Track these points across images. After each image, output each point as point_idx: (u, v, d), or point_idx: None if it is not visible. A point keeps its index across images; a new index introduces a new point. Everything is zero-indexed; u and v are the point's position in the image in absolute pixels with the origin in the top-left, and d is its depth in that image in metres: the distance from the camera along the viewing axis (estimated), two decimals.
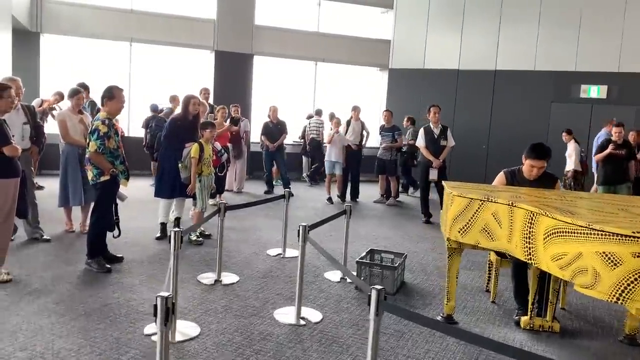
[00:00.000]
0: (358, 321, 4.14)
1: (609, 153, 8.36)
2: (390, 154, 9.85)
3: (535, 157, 4.33)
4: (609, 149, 8.36)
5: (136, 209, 7.71)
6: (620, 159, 8.42)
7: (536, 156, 4.33)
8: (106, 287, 4.55)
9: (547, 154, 4.37)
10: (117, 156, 4.97)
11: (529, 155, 4.37)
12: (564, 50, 12.30)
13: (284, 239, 6.06)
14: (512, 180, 4.55)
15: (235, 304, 4.35)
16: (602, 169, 8.55)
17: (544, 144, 4.48)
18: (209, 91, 9.81)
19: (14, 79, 5.63)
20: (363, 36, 14.08)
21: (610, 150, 8.33)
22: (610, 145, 8.39)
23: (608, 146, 8.44)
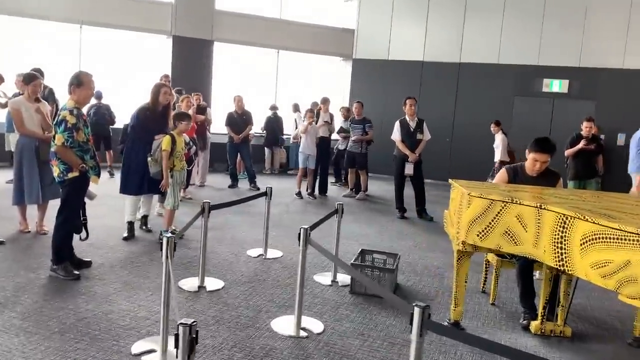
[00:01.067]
0: (363, 330, 3.85)
1: (580, 148, 8.41)
2: (360, 147, 9.58)
3: (539, 151, 4.17)
4: (581, 144, 8.41)
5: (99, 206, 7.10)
6: (590, 154, 8.49)
7: (540, 149, 4.18)
8: (77, 297, 4.06)
9: (552, 148, 4.23)
10: (87, 150, 4.46)
11: (533, 148, 4.22)
12: (527, 44, 12.40)
13: (265, 238, 5.69)
14: (515, 177, 4.37)
15: (226, 314, 3.97)
16: (573, 165, 8.61)
17: (549, 138, 4.33)
18: (170, 78, 9.23)
19: None
20: (326, 25, 13.73)
21: (581, 146, 8.38)
22: (582, 141, 8.44)
23: (579, 141, 8.50)
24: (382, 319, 4.10)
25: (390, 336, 3.78)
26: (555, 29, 12.18)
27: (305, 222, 7.23)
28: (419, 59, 13.24)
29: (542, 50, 12.30)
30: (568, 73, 12.18)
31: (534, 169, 4.21)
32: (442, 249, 6.43)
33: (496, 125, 11.01)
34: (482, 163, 11.52)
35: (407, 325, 3.94)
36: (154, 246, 5.65)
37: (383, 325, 3.98)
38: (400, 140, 8.03)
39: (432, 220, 8.11)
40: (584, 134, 8.59)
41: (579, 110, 12.12)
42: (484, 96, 12.74)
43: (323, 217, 4.67)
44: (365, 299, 4.50)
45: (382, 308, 4.31)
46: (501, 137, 10.77)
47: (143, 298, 4.14)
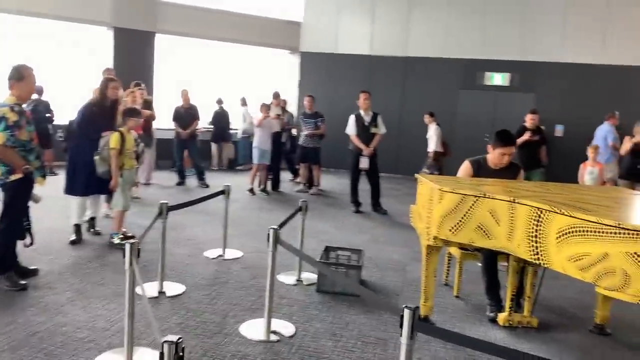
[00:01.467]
0: (335, 330, 3.76)
1: (525, 140, 8.64)
2: (313, 142, 9.49)
3: (506, 144, 4.24)
4: (526, 136, 8.64)
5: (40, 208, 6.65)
6: (534, 145, 8.75)
7: (507, 143, 4.25)
8: (26, 309, 3.75)
9: (514, 139, 4.30)
10: (31, 150, 4.12)
11: (499, 143, 4.26)
12: (471, 38, 12.66)
13: (224, 239, 5.49)
14: (479, 170, 4.40)
15: (191, 320, 3.78)
16: (518, 156, 8.81)
17: (507, 130, 4.42)
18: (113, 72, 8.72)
19: None
20: (272, 17, 13.50)
21: (527, 138, 8.61)
22: (527, 133, 8.67)
23: (524, 133, 8.73)
24: (351, 317, 4.03)
25: (363, 335, 3.71)
26: (497, 23, 12.50)
27: (263, 220, 7.13)
28: (367, 52, 13.26)
29: (485, 45, 12.59)
30: (509, 67, 12.54)
31: (502, 161, 4.26)
32: (401, 243, 6.45)
33: (430, 117, 11.13)
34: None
35: (377, 323, 3.91)
36: (105, 250, 5.35)
37: (354, 323, 3.91)
38: (355, 135, 7.98)
39: (386, 213, 8.13)
40: (528, 126, 8.84)
41: (520, 103, 12.52)
42: (430, 90, 12.92)
43: (289, 216, 4.52)
44: (333, 297, 4.42)
45: (350, 306, 4.24)
46: (434, 127, 10.89)
47: (99, 307, 3.88)
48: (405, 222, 7.70)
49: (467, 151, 12.76)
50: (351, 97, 12.80)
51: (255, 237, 6.20)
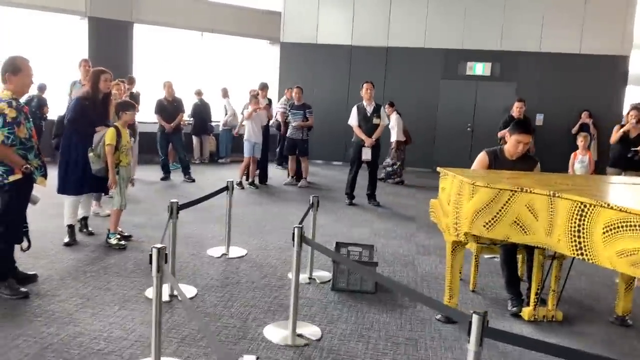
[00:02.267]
0: (361, 331, 3.64)
1: None
2: (302, 133, 9.31)
3: (522, 132, 4.19)
4: None
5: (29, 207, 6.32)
6: None
7: (523, 130, 4.21)
8: (33, 320, 3.51)
9: (532, 129, 4.25)
10: (31, 148, 3.85)
11: (515, 130, 4.21)
12: (452, 28, 12.64)
13: (227, 237, 5.29)
14: (495, 161, 4.33)
15: (211, 325, 3.60)
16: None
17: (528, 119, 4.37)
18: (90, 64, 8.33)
19: None
20: (252, 7, 13.20)
21: None
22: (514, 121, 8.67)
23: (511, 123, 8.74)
24: (374, 316, 3.92)
25: (390, 335, 3.60)
26: (478, 13, 12.52)
27: (258, 215, 6.95)
28: (348, 43, 13.11)
29: (466, 35, 12.60)
30: (490, 56, 12.58)
31: (517, 150, 4.20)
32: (403, 236, 6.37)
33: (390, 107, 11.00)
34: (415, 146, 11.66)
35: (401, 322, 3.81)
36: (102, 251, 5.09)
37: (378, 323, 3.80)
38: (357, 126, 7.85)
39: (379, 205, 8.04)
40: (515, 115, 8.87)
41: (501, 92, 12.62)
42: (411, 80, 12.88)
43: (305, 213, 4.37)
44: (349, 295, 4.30)
45: (369, 304, 4.13)
46: (395, 117, 10.72)
47: (111, 314, 3.67)
48: (402, 214, 7.67)
49: (450, 141, 12.92)
50: (332, 88, 12.74)
51: (254, 234, 6.03)
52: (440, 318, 3.89)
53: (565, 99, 12.36)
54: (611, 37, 12.10)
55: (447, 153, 12.76)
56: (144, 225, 6.16)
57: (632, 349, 3.66)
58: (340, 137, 12.80)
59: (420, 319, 3.91)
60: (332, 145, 12.83)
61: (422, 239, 6.25)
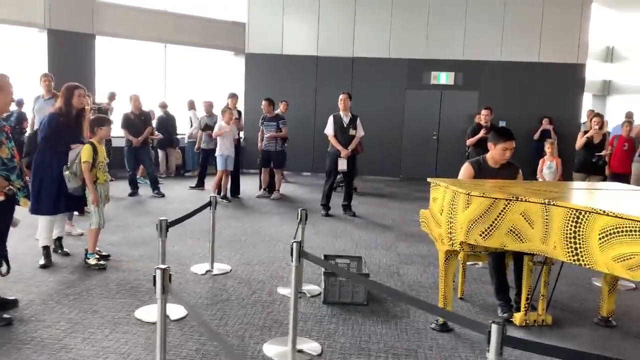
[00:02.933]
0: (360, 344, 3.63)
1: (481, 137, 8.87)
2: (275, 145, 9.29)
3: (507, 139, 4.31)
4: (481, 133, 8.88)
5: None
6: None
7: (507, 137, 4.32)
8: (21, 347, 3.35)
9: (512, 134, 4.37)
10: (13, 168, 3.69)
11: (500, 138, 4.32)
12: (415, 38, 12.88)
13: (211, 253, 5.20)
14: (480, 170, 4.42)
15: (209, 345, 3.52)
16: (474, 152, 9.04)
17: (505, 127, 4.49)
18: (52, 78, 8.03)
19: None
20: (215, 17, 13.10)
21: (482, 134, 8.85)
22: (482, 130, 8.91)
23: (479, 131, 8.98)
24: (370, 328, 3.92)
25: (389, 347, 3.62)
26: (440, 23, 12.80)
27: (235, 229, 6.87)
28: (313, 53, 13.17)
29: (429, 45, 12.86)
30: (453, 66, 12.88)
31: (504, 157, 4.31)
32: (384, 246, 6.41)
33: None
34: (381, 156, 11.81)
35: (397, 333, 3.83)
36: (82, 272, 4.92)
37: (375, 335, 3.80)
38: (332, 135, 7.87)
39: (355, 215, 8.08)
40: (482, 123, 9.11)
41: (464, 101, 12.93)
42: (377, 89, 13.02)
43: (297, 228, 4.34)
44: (342, 308, 4.29)
45: (363, 316, 4.13)
46: None
47: (103, 338, 3.54)
48: (379, 223, 7.73)
49: (416, 149, 13.09)
50: (299, 98, 12.74)
51: (235, 249, 5.96)
52: (435, 327, 3.93)
53: (526, 106, 12.75)
54: (568, 46, 12.58)
55: (414, 161, 12.96)
56: (120, 243, 6.00)
57: (619, 349, 3.78)
58: (309, 148, 12.84)
59: (416, 329, 3.94)
60: (300, 156, 12.81)
61: (402, 248, 6.31)
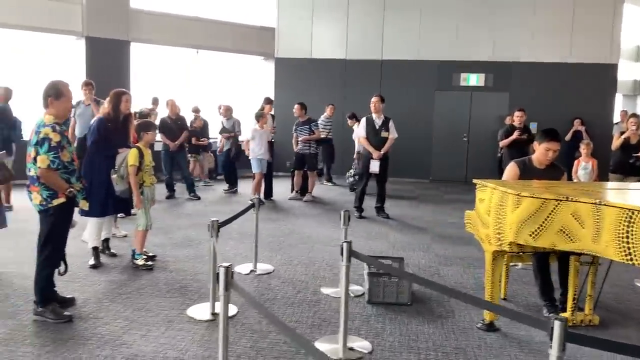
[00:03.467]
0: (409, 343, 3.70)
1: (514, 138, 8.84)
2: (309, 147, 9.40)
3: (552, 139, 4.31)
4: (515, 135, 8.84)
5: None
6: (523, 143, 8.95)
7: (552, 138, 4.33)
8: (84, 343, 3.49)
9: (559, 136, 4.37)
10: (73, 171, 3.85)
11: (544, 138, 4.34)
12: (445, 40, 12.87)
13: (255, 253, 5.31)
14: (525, 170, 4.44)
15: (262, 342, 3.63)
16: (508, 154, 9.01)
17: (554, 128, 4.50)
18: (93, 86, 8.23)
19: None
20: (245, 23, 13.29)
21: (515, 136, 8.81)
22: (516, 131, 8.87)
23: (513, 132, 8.94)
24: (417, 327, 3.98)
25: (438, 345, 3.67)
26: (469, 24, 12.78)
27: (271, 230, 6.97)
28: (342, 57, 13.27)
29: (459, 46, 12.83)
30: (483, 67, 12.83)
31: (547, 158, 4.32)
32: (420, 247, 6.45)
33: (350, 119, 11.11)
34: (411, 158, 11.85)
35: (444, 332, 3.88)
36: (131, 272, 5.08)
37: (423, 334, 3.86)
38: (364, 137, 7.94)
39: (389, 217, 8.12)
40: (516, 124, 9.06)
41: (494, 102, 12.88)
42: (406, 92, 13.04)
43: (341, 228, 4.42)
44: (386, 308, 4.36)
45: (408, 316, 4.19)
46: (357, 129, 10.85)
47: (159, 335, 3.67)
48: (413, 225, 7.76)
49: (446, 151, 13.07)
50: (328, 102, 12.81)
51: (275, 250, 6.07)
52: (481, 327, 3.97)
53: (558, 107, 12.63)
54: (600, 46, 12.44)
55: (444, 163, 12.97)
56: (164, 244, 6.16)
57: None
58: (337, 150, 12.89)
59: (462, 328, 3.98)
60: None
61: (440, 250, 6.35)
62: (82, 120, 7.79)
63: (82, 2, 10.73)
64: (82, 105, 7.97)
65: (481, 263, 5.72)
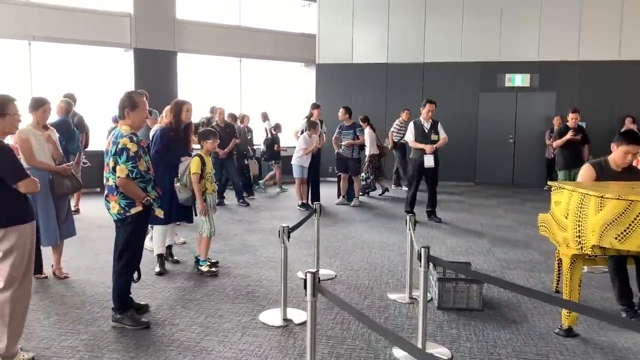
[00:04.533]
0: (488, 349, 3.63)
1: (569, 139, 8.63)
2: (352, 152, 9.40)
3: (631, 142, 4.20)
4: (568, 135, 8.64)
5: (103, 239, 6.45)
6: (576, 144, 8.74)
7: (631, 141, 4.21)
8: (165, 349, 3.55)
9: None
10: (149, 180, 3.93)
11: (623, 140, 4.22)
12: (488, 41, 12.70)
13: (316, 258, 5.32)
14: (601, 172, 4.32)
15: (339, 347, 3.62)
16: (561, 155, 8.81)
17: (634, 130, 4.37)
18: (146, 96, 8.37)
19: None
20: (286, 30, 13.41)
21: (569, 137, 8.61)
22: (570, 132, 8.67)
23: (566, 133, 8.73)
24: (492, 332, 3.91)
25: (518, 351, 3.60)
26: (513, 24, 12.57)
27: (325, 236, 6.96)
28: (383, 61, 13.23)
29: (503, 46, 12.64)
30: (528, 67, 12.61)
31: (625, 161, 4.21)
32: (480, 252, 6.35)
33: (363, 122, 11.01)
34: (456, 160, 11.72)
35: (522, 337, 3.80)
36: (196, 279, 5.15)
37: (500, 340, 3.79)
38: (413, 141, 7.91)
39: (440, 222, 8.04)
40: (570, 125, 8.85)
41: (541, 103, 12.63)
42: (449, 94, 12.88)
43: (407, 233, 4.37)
44: (458, 313, 4.29)
45: (482, 321, 4.12)
46: (369, 131, 10.50)
47: (236, 341, 3.70)
48: (468, 229, 7.66)
49: (490, 153, 12.86)
50: (370, 106, 12.79)
51: (333, 255, 6.07)
52: (559, 332, 3.88)
53: (607, 106, 12.31)
54: None
55: (490, 165, 12.77)
56: (223, 250, 6.23)
57: None
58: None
59: (539, 334, 3.90)
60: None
61: (500, 254, 6.24)
62: None
63: (131, 15, 11.00)
64: None
65: (544, 267, 5.65)
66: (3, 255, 3.18)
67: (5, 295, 3.19)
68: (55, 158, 4.99)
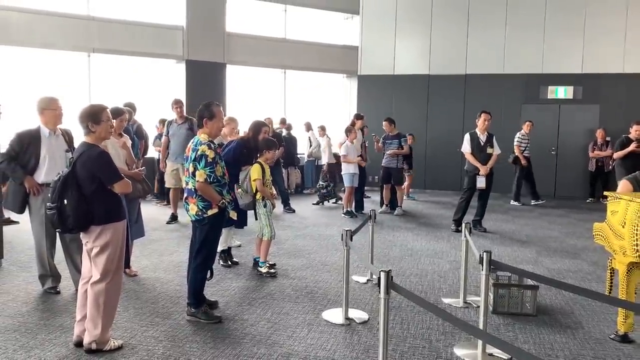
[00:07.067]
0: (547, 352, 3.78)
1: (632, 150, 8.63)
2: (396, 162, 9.60)
3: None
4: (632, 147, 8.64)
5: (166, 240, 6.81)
6: (638, 154, 8.70)
7: None
8: (240, 341, 3.82)
9: None
10: (224, 184, 4.23)
11: None
12: (531, 53, 12.74)
13: (370, 263, 5.53)
14: (638, 186, 4.42)
15: (401, 345, 3.83)
16: (622, 166, 8.73)
17: None
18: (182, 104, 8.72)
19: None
20: (329, 42, 13.75)
21: (633, 148, 8.62)
22: (633, 143, 8.68)
23: (628, 144, 8.73)
24: (549, 337, 4.05)
25: (575, 355, 3.73)
26: (557, 37, 12.59)
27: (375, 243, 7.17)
28: (425, 72, 13.40)
29: (546, 59, 12.67)
30: (572, 79, 12.59)
31: None
32: (528, 261, 6.46)
33: (321, 130, 11.66)
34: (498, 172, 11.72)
35: (578, 341, 3.93)
36: (257, 279, 5.43)
37: (557, 343, 3.93)
38: (470, 153, 8.04)
39: (486, 231, 8.15)
40: (633, 137, 8.84)
41: (584, 115, 12.58)
42: (491, 106, 12.76)
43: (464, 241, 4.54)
44: (512, 318, 4.44)
45: (537, 326, 4.27)
46: (326, 140, 11.19)
47: (304, 336, 3.94)
48: (514, 238, 7.76)
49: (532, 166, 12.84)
50: (410, 118, 12.97)
51: (383, 261, 6.27)
52: (614, 338, 3.99)
53: None
54: None
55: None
56: (278, 254, 6.50)
57: None
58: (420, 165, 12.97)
59: (595, 339, 4.02)
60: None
61: (549, 264, 6.33)
62: (176, 138, 8.18)
63: (183, 28, 11.49)
64: (175, 124, 8.32)
65: (595, 277, 5.74)
66: (100, 250, 3.51)
67: (101, 287, 3.52)
68: (128, 164, 5.36)
